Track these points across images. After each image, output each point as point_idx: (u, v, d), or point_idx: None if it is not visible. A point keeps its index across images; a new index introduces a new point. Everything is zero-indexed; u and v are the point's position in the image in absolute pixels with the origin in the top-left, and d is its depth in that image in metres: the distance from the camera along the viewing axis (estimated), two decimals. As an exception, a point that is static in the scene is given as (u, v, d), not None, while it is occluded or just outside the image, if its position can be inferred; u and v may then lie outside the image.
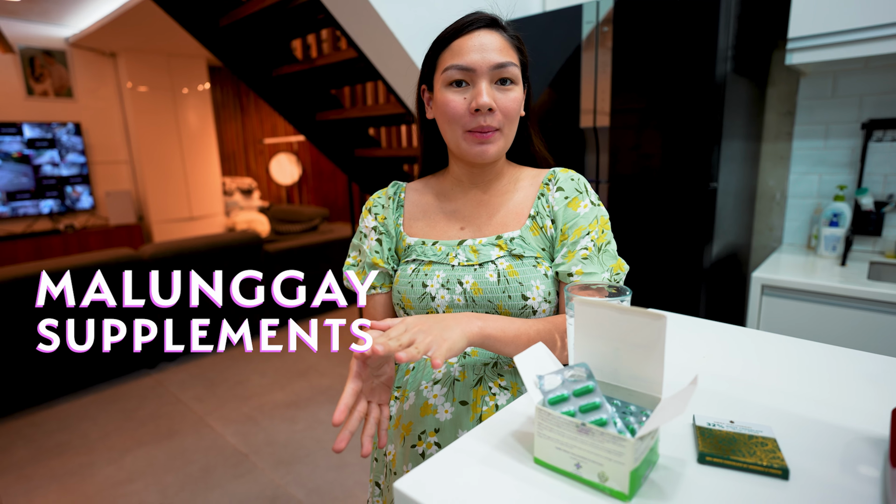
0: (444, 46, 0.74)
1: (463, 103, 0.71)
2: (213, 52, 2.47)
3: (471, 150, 0.73)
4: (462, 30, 0.72)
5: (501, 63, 0.71)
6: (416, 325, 0.60)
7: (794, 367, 0.68)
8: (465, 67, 0.70)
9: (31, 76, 4.44)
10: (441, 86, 0.73)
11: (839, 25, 1.46)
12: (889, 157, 1.75)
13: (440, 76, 0.73)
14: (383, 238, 0.82)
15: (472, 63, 0.70)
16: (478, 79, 0.71)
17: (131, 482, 2.02)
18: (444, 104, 0.73)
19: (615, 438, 0.42)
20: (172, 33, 4.24)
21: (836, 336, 1.49)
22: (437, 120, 0.77)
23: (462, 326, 0.63)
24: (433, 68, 0.76)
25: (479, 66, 0.70)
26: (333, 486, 1.96)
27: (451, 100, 0.72)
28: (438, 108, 0.74)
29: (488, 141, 0.72)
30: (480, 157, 0.74)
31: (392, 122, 2.67)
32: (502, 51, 0.72)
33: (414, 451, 0.75)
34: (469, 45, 0.71)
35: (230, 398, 2.68)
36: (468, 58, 0.70)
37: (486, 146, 0.73)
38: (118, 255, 2.80)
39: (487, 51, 0.70)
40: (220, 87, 6.12)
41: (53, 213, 4.67)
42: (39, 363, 2.59)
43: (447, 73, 0.72)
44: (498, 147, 0.74)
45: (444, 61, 0.73)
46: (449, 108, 0.72)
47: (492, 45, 0.71)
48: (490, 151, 0.73)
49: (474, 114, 0.71)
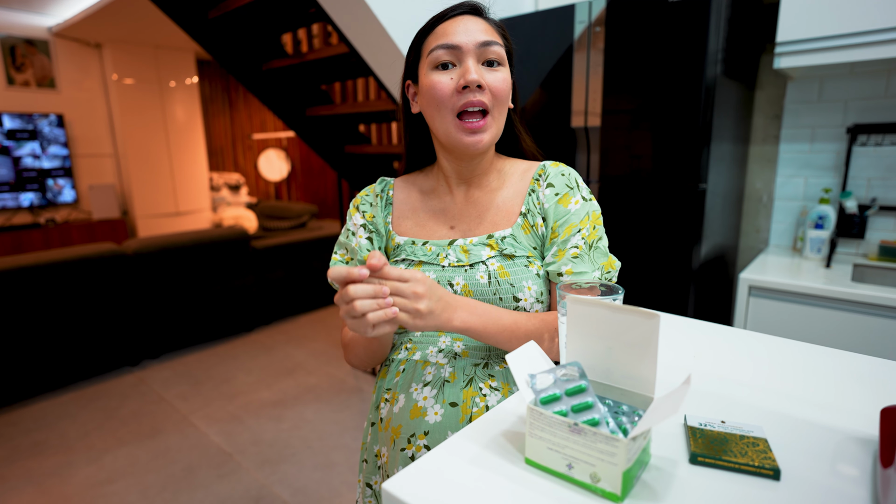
0: (427, 33, 0.73)
1: (450, 84, 0.70)
2: (201, 44, 2.43)
3: (463, 140, 0.71)
4: (445, 16, 0.72)
5: (487, 41, 0.70)
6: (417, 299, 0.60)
7: (783, 367, 0.68)
8: (451, 45, 0.69)
9: (12, 65, 4.33)
10: (427, 69, 0.72)
11: (826, 31, 1.48)
12: (872, 162, 1.78)
13: (425, 60, 0.72)
14: (374, 237, 0.81)
15: (457, 41, 0.69)
16: (464, 56, 0.70)
17: (111, 482, 1.98)
18: (430, 87, 0.71)
19: (608, 439, 0.42)
20: (160, 25, 4.17)
21: (821, 336, 1.51)
22: (424, 109, 0.75)
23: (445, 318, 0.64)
24: (417, 57, 0.75)
25: (464, 44, 0.69)
26: (320, 486, 1.94)
27: (438, 81, 0.70)
28: (425, 95, 0.72)
29: (481, 130, 0.71)
30: (474, 147, 0.72)
31: (382, 118, 2.66)
32: (487, 31, 0.71)
33: (403, 454, 0.74)
34: (453, 27, 0.71)
35: (215, 396, 2.65)
36: (454, 37, 0.70)
37: (480, 135, 0.71)
38: (101, 251, 2.74)
39: (472, 31, 0.70)
40: (208, 80, 6.03)
41: (34, 206, 4.57)
42: (16, 359, 2.52)
43: (433, 54, 0.71)
44: (491, 135, 0.72)
45: (429, 45, 0.72)
46: (436, 91, 0.70)
47: (476, 27, 0.71)
48: (483, 141, 0.72)
49: (462, 91, 0.69)
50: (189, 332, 3.19)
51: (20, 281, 2.48)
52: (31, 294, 2.52)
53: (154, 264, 2.94)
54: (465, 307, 0.66)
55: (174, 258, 3.01)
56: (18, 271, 2.48)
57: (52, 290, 2.58)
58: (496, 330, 0.68)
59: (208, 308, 3.23)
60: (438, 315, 0.62)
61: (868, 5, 1.42)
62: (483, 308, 0.68)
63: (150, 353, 3.03)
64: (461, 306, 0.66)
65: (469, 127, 0.70)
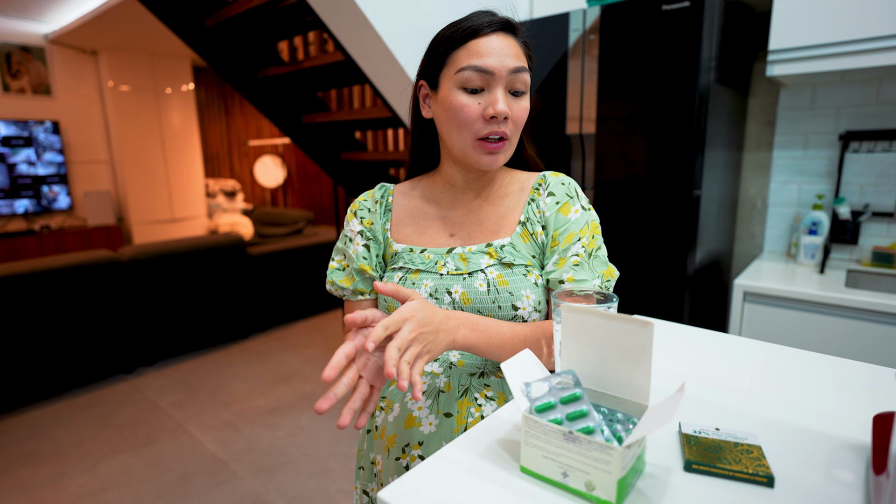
0: (457, 45, 0.70)
1: (477, 109, 0.69)
2: (198, 52, 2.44)
3: (480, 160, 0.72)
4: (479, 31, 0.69)
5: (518, 67, 0.69)
6: (412, 332, 0.57)
7: (777, 374, 0.69)
8: (485, 70, 0.68)
9: (8, 72, 4.32)
10: (453, 86, 0.70)
11: (818, 39, 1.50)
12: (865, 168, 1.79)
13: (453, 76, 0.70)
14: (371, 244, 0.80)
15: (490, 66, 0.68)
16: (495, 84, 0.69)
17: (105, 491, 1.96)
18: (456, 108, 0.70)
19: (602, 447, 0.42)
20: (156, 32, 4.17)
21: (816, 342, 1.51)
22: (442, 122, 0.74)
23: (449, 338, 0.62)
24: (441, 65, 0.72)
25: (497, 70, 0.68)
26: (315, 494, 1.92)
27: (466, 104, 0.69)
28: (447, 111, 0.71)
29: (498, 151, 0.72)
30: (489, 167, 0.73)
31: (379, 125, 2.66)
32: (518, 56, 0.70)
33: (398, 463, 0.74)
34: (487, 47, 0.68)
35: (210, 404, 2.63)
36: (487, 60, 0.68)
37: (496, 156, 0.72)
38: (96, 257, 2.73)
39: (505, 55, 0.69)
40: (204, 87, 6.03)
41: (28, 213, 4.54)
42: (10, 367, 2.50)
43: (463, 74, 0.69)
44: (506, 156, 0.73)
45: (460, 60, 0.69)
46: (463, 113, 0.69)
47: (508, 50, 0.69)
48: (499, 161, 0.73)
49: (489, 121, 0.69)
50: (184, 339, 3.17)
51: (15, 288, 2.47)
52: (26, 301, 2.51)
53: (149, 271, 2.92)
54: (464, 320, 0.65)
55: (169, 265, 3.00)
56: (13, 278, 2.46)
57: (47, 298, 2.57)
58: (498, 344, 0.67)
59: (204, 315, 3.22)
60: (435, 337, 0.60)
61: (859, 14, 1.43)
62: (481, 322, 0.67)
63: (144, 360, 3.01)
64: (458, 319, 0.65)
65: (488, 148, 0.71)
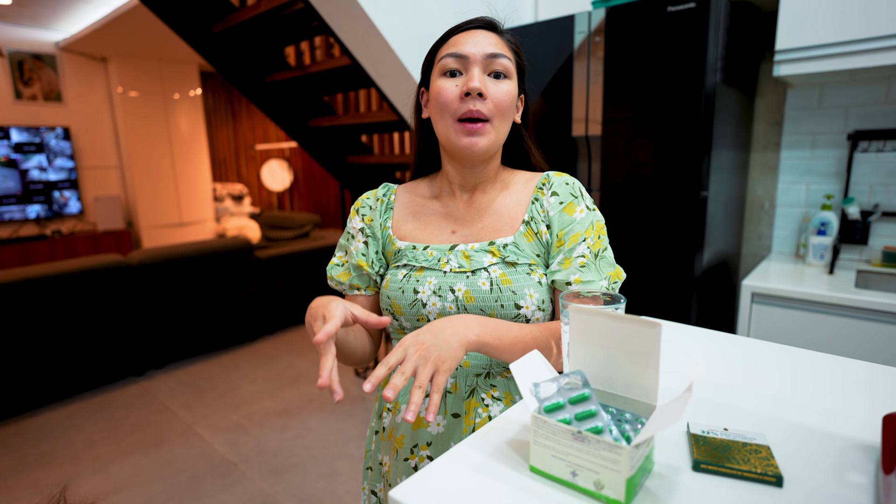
0: (441, 43, 0.76)
1: (455, 90, 0.72)
2: (206, 58, 2.47)
3: (461, 142, 0.72)
4: (460, 28, 0.75)
5: (495, 53, 0.72)
6: (415, 352, 0.57)
7: (785, 375, 0.68)
8: (459, 54, 0.72)
9: (20, 80, 4.39)
10: (436, 76, 0.75)
11: (825, 39, 1.50)
12: (874, 168, 1.78)
13: (436, 68, 0.75)
14: (370, 241, 0.81)
15: (466, 51, 0.72)
16: (471, 66, 0.72)
17: (117, 492, 1.98)
18: (437, 92, 0.73)
19: (611, 446, 0.42)
20: (165, 39, 4.22)
21: (825, 343, 1.50)
22: (431, 114, 0.77)
23: (459, 337, 0.61)
24: (430, 65, 0.77)
25: (472, 54, 0.72)
26: (324, 496, 1.93)
27: (444, 87, 0.73)
28: (432, 100, 0.75)
29: (478, 132, 0.72)
30: (469, 150, 0.72)
31: (385, 129, 2.68)
32: (497, 45, 0.74)
33: (406, 464, 0.74)
34: (465, 39, 0.73)
35: (219, 406, 2.65)
36: (463, 48, 0.73)
37: (476, 138, 0.72)
38: (106, 262, 2.76)
39: (482, 43, 0.73)
40: (211, 92, 6.09)
41: (40, 218, 4.61)
42: (23, 370, 2.54)
43: (442, 62, 0.73)
44: (488, 140, 0.73)
45: (441, 53, 0.75)
46: (441, 95, 0.73)
47: (487, 39, 0.73)
48: (480, 144, 0.72)
49: (464, 98, 0.71)
50: (193, 342, 3.20)
51: (26, 292, 2.50)
52: (38, 305, 2.54)
53: (159, 275, 2.95)
54: (470, 320, 0.65)
55: (178, 269, 3.03)
56: (25, 283, 2.50)
57: (58, 302, 2.60)
58: (511, 341, 0.67)
59: (212, 318, 3.25)
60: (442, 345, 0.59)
61: (866, 12, 1.43)
62: (490, 320, 0.67)
63: (154, 363, 3.04)
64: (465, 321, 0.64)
65: (467, 128, 0.72)
